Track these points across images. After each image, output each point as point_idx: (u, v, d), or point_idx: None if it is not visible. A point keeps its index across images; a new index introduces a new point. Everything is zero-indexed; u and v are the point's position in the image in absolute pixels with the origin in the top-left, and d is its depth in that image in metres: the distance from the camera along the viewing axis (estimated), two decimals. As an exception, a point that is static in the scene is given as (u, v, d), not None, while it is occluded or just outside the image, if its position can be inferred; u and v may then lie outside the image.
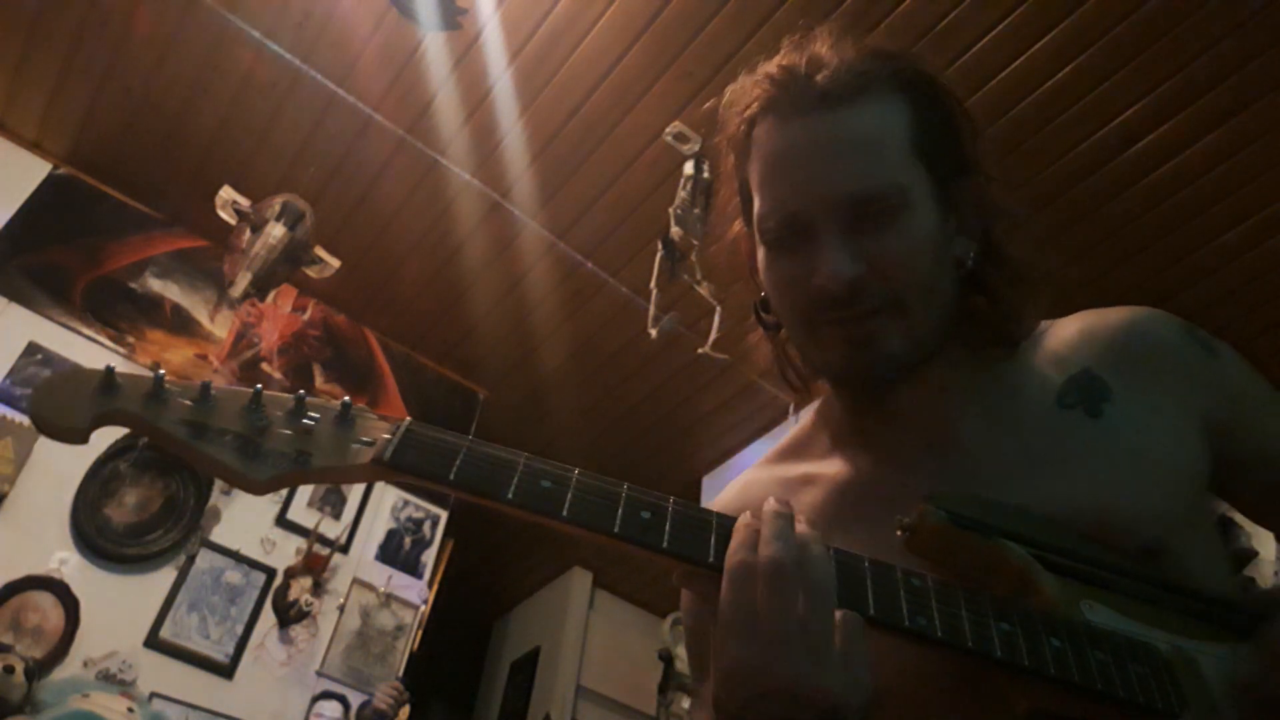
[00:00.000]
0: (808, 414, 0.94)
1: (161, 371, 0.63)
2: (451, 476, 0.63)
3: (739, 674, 0.59)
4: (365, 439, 0.65)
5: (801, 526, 0.64)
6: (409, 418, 0.67)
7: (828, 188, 0.78)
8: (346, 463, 0.64)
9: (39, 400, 0.60)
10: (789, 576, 0.61)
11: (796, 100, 0.82)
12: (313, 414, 0.65)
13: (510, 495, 0.63)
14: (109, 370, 0.62)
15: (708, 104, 0.95)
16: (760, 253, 0.85)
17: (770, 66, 0.85)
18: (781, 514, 0.64)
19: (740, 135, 0.87)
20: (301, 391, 0.66)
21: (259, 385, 0.65)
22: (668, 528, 0.64)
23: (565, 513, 0.63)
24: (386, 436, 0.65)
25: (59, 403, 0.60)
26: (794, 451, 0.92)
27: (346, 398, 0.67)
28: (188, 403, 0.63)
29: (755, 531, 0.63)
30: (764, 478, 0.91)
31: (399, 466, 0.64)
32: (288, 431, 0.64)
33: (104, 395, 0.61)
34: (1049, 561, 0.70)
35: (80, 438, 0.60)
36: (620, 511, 0.64)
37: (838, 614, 0.61)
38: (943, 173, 0.82)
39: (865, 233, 0.77)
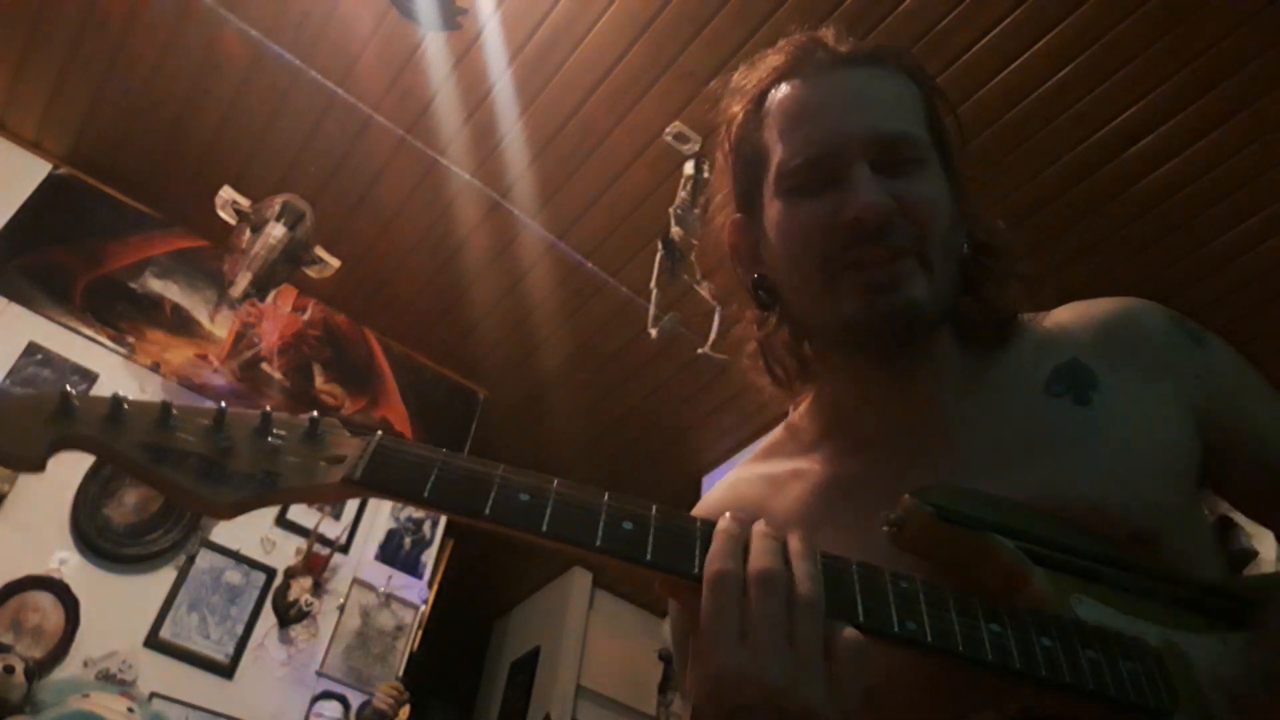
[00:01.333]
0: (795, 411, 0.94)
1: (120, 393, 0.60)
2: (426, 494, 0.61)
3: (722, 682, 0.58)
4: (335, 456, 0.62)
5: (794, 542, 0.63)
6: (380, 432, 0.64)
7: (861, 127, 0.80)
8: (315, 482, 0.61)
9: None
10: (780, 587, 0.60)
11: (821, 61, 0.85)
12: (279, 431, 0.62)
13: (487, 511, 0.61)
14: (64, 394, 0.59)
15: (711, 85, 0.96)
16: (775, 207, 0.84)
17: (793, 36, 0.89)
18: (771, 532, 0.63)
19: (750, 106, 0.88)
20: (268, 408, 0.63)
21: (223, 403, 0.62)
22: (651, 539, 0.62)
23: (545, 528, 0.61)
24: (357, 453, 0.62)
25: (12, 430, 0.57)
26: (781, 448, 0.92)
27: (315, 413, 0.64)
28: (147, 424, 0.60)
29: (735, 539, 0.62)
30: (751, 475, 0.91)
31: (370, 484, 0.61)
32: (253, 452, 0.61)
33: (59, 421, 0.58)
34: (1037, 554, 0.69)
35: (36, 466, 0.57)
36: (602, 524, 0.62)
37: (844, 634, 0.60)
38: (944, 160, 0.85)
39: (893, 176, 0.79)
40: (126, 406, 0.60)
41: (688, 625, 0.83)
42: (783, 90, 0.85)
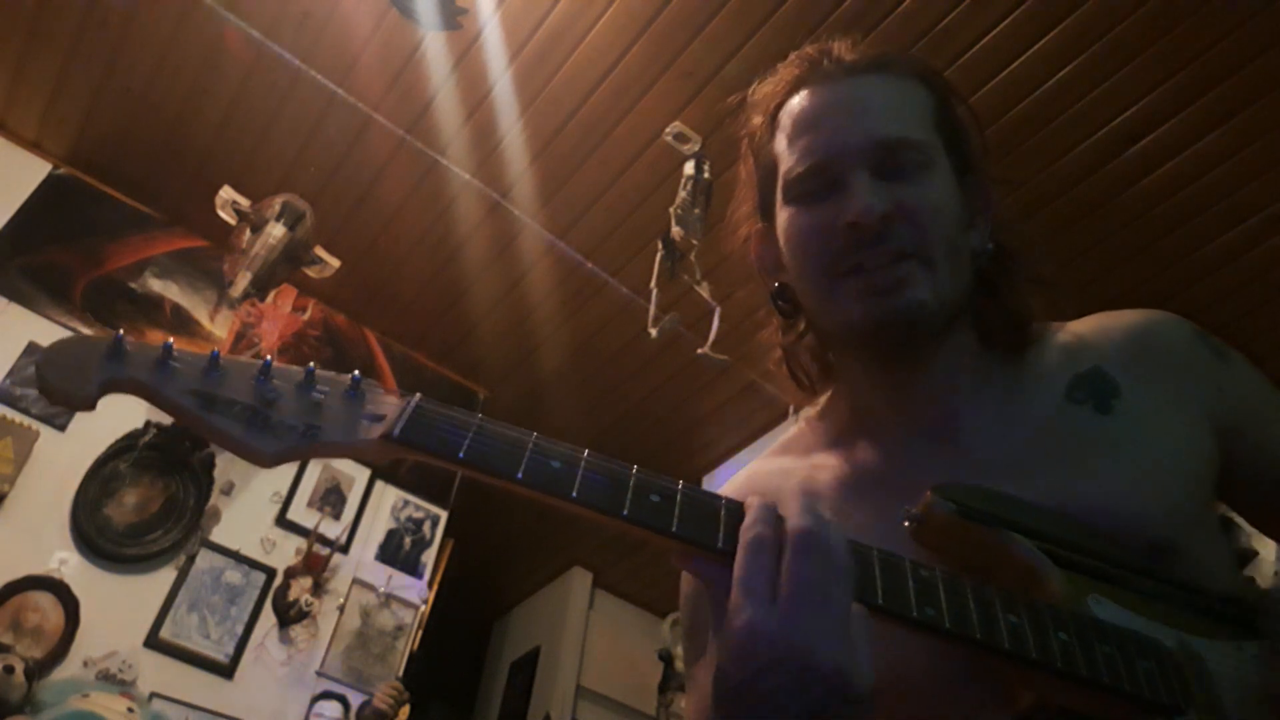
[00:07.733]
0: (812, 411, 0.95)
1: (170, 340, 0.62)
2: (461, 454, 0.62)
3: (753, 638, 0.57)
4: (375, 414, 0.64)
5: (826, 513, 0.64)
6: (419, 394, 0.65)
7: (858, 135, 0.81)
8: (355, 438, 0.62)
9: (46, 365, 0.58)
10: (818, 549, 0.60)
11: (825, 72, 0.87)
12: (322, 387, 0.64)
13: (520, 475, 0.62)
14: (118, 338, 0.60)
15: (728, 99, 0.98)
16: (783, 217, 0.86)
17: (804, 49, 0.90)
18: (810, 493, 0.64)
19: (766, 119, 0.90)
20: (312, 364, 0.65)
21: (268, 356, 0.64)
22: (677, 511, 0.63)
23: (575, 494, 0.62)
24: (396, 412, 0.63)
25: (66, 369, 0.58)
26: (799, 445, 0.93)
27: (356, 371, 0.65)
28: (196, 372, 0.61)
29: (771, 509, 0.63)
30: (770, 468, 0.92)
31: (408, 443, 0.62)
32: (296, 404, 0.62)
33: (112, 362, 0.60)
34: (1056, 555, 0.70)
35: (88, 404, 0.58)
36: (630, 494, 0.63)
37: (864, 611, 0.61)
38: (958, 162, 0.85)
39: (894, 181, 0.80)
40: (177, 353, 0.61)
41: (699, 600, 0.84)
42: (792, 102, 0.88)
